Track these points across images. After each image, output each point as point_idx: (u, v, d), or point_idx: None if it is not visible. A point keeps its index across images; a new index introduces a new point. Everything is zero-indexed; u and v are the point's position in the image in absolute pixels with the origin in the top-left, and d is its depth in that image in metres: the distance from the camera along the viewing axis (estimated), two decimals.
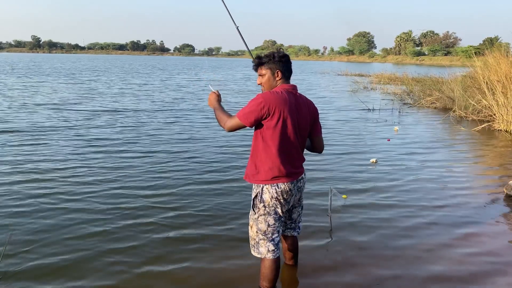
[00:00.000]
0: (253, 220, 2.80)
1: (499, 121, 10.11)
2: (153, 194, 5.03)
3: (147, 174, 5.82)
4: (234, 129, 2.70)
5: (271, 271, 2.82)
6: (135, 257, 3.49)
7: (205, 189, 5.27)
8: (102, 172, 5.84)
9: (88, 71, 35.34)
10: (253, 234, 2.82)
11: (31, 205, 4.58)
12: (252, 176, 2.75)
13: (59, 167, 6.09)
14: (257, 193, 2.74)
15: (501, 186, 5.55)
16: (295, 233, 3.10)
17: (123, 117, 10.99)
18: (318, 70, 49.11)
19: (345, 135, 9.22)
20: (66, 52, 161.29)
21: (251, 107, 2.60)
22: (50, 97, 14.79)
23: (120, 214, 4.41)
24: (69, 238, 3.80)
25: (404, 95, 17.46)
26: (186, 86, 22.18)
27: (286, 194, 2.73)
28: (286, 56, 2.80)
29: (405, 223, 4.37)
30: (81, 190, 5.10)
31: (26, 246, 3.62)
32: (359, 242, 3.90)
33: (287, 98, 2.66)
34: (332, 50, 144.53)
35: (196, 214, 4.45)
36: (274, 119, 2.60)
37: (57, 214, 4.34)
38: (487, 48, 11.42)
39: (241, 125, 2.65)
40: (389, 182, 5.77)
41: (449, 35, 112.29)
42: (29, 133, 8.46)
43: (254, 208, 2.77)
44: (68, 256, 3.47)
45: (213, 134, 8.94)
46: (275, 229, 2.78)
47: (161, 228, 4.08)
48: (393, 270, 3.39)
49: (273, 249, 2.79)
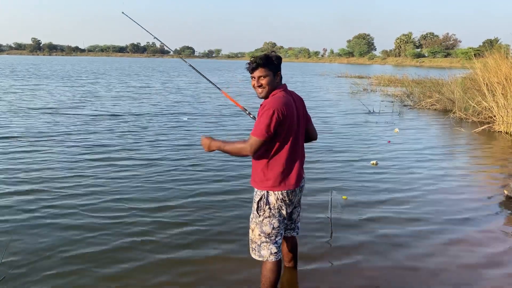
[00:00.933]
0: (255, 223, 2.78)
1: (499, 123, 10.12)
2: (155, 208, 4.63)
3: (149, 185, 5.45)
4: (258, 149, 2.62)
5: (273, 273, 2.80)
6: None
7: (212, 202, 4.87)
8: (100, 182, 5.47)
9: (87, 73, 35.32)
10: (255, 237, 2.80)
11: (22, 221, 4.20)
12: (261, 182, 2.72)
13: (53, 176, 5.70)
14: (261, 195, 2.73)
15: (501, 188, 5.55)
16: (294, 233, 3.10)
17: (122, 121, 10.61)
18: (318, 72, 49.13)
19: (345, 137, 9.22)
20: (66, 54, 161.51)
21: (266, 121, 2.55)
22: (46, 101, 14.40)
23: (119, 230, 4.03)
24: (62, 261, 3.45)
25: (404, 97, 17.47)
26: (186, 88, 22.19)
27: (291, 195, 2.75)
28: (280, 58, 2.82)
29: (405, 223, 4.37)
30: (76, 202, 4.73)
31: (18, 268, 3.32)
32: (359, 243, 3.90)
33: (289, 100, 2.68)
34: (332, 52, 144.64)
35: (204, 230, 4.10)
36: (285, 125, 2.61)
37: (51, 231, 4.00)
38: (487, 50, 11.44)
39: (263, 142, 2.59)
40: (389, 183, 5.77)
41: (449, 36, 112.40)
42: (22, 139, 8.04)
43: (258, 211, 2.75)
44: (60, 280, 3.18)
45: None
46: (279, 231, 2.79)
47: (165, 248, 3.72)
48: (394, 272, 3.39)
49: (276, 252, 2.79)
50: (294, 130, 2.69)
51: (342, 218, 4.47)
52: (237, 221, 4.32)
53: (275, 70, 2.72)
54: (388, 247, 3.83)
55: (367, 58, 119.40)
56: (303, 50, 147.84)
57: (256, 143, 2.59)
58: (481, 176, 6.37)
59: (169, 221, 4.32)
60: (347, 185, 5.65)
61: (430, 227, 4.31)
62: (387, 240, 3.97)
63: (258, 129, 2.56)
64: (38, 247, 3.69)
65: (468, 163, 7.19)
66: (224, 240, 3.90)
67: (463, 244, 3.93)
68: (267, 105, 2.60)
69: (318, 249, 3.75)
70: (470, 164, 7.13)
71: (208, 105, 14.61)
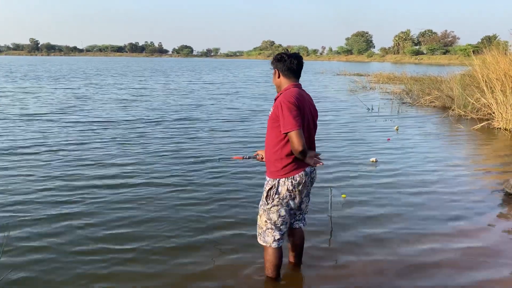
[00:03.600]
0: (264, 210, 2.92)
1: (498, 119, 10.11)
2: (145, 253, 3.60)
3: (142, 217, 4.31)
4: (302, 138, 2.66)
5: (275, 257, 2.98)
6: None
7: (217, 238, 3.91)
8: (86, 212, 4.41)
9: (84, 73, 35.25)
10: (262, 223, 2.95)
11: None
12: (277, 172, 2.82)
13: (25, 200, 4.75)
14: (272, 185, 2.84)
15: (500, 184, 5.55)
16: (301, 224, 3.18)
17: (103, 129, 9.22)
18: (317, 70, 49.13)
19: (344, 135, 9.21)
20: (65, 54, 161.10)
21: (292, 112, 2.66)
22: (31, 105, 13.00)
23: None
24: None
25: (403, 94, 17.47)
26: (182, 89, 22.16)
27: (301, 185, 2.85)
28: (280, 56, 2.94)
29: (404, 221, 4.37)
30: (54, 241, 3.78)
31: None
32: (359, 241, 3.90)
33: (303, 95, 2.87)
34: (330, 50, 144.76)
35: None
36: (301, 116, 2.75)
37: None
38: (486, 47, 11.42)
39: (302, 132, 2.67)
40: (388, 181, 5.77)
41: (447, 33, 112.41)
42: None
43: (267, 199, 2.87)
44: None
45: (203, 147, 7.73)
46: (285, 220, 2.92)
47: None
48: (394, 269, 3.39)
49: (279, 239, 2.93)
50: (309, 124, 2.84)
51: (342, 216, 4.46)
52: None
53: (275, 68, 2.95)
54: (389, 244, 3.82)
55: (365, 55, 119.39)
56: (302, 48, 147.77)
57: (298, 136, 2.64)
58: (480, 173, 6.37)
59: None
60: (347, 183, 5.65)
61: (430, 223, 4.31)
62: (387, 237, 3.97)
63: (289, 123, 2.67)
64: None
65: (467, 160, 7.19)
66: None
67: (463, 241, 3.93)
68: (283, 99, 2.73)
69: (319, 248, 3.75)
70: (469, 161, 7.13)
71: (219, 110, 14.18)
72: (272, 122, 2.80)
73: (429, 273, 3.34)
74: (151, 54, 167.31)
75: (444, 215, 4.55)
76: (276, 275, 3.05)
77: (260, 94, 18.60)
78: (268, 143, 2.90)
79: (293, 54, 2.91)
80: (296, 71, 2.91)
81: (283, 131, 2.68)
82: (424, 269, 3.39)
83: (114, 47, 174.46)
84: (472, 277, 3.31)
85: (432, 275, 3.31)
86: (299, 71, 2.93)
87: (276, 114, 2.74)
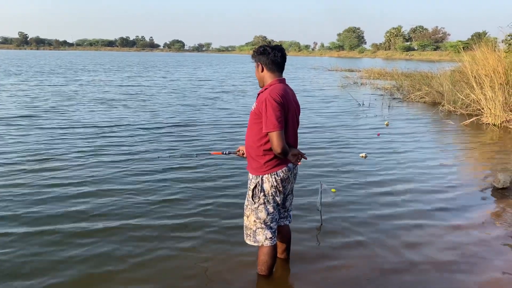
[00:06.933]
0: (251, 210, 2.88)
1: (487, 115, 10.21)
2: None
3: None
4: (283, 139, 2.62)
5: (270, 257, 2.95)
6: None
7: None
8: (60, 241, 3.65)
9: (68, 69, 34.80)
10: (250, 223, 2.91)
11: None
12: (259, 168, 2.79)
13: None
14: (256, 183, 2.81)
15: (489, 179, 5.60)
16: (287, 221, 3.16)
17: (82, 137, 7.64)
18: (309, 65, 49.12)
19: (334, 130, 9.21)
20: (54, 48, 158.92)
21: (276, 112, 2.60)
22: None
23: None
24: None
25: (393, 90, 17.55)
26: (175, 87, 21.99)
27: (285, 181, 2.84)
28: (263, 48, 2.85)
29: (394, 215, 4.39)
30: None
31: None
32: (349, 235, 3.90)
33: (288, 92, 2.79)
34: (322, 45, 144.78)
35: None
36: (285, 113, 2.71)
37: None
38: (476, 43, 11.50)
39: (283, 134, 2.62)
40: (378, 176, 5.79)
41: (438, 30, 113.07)
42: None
43: (253, 198, 2.84)
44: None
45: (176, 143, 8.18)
46: (274, 217, 2.90)
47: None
48: (383, 262, 3.40)
49: (271, 237, 2.90)
50: (292, 120, 2.80)
51: (332, 210, 4.47)
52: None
53: (257, 61, 2.86)
54: (379, 239, 3.83)
55: (357, 51, 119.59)
56: (294, 43, 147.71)
57: (278, 137, 2.60)
58: (469, 168, 6.42)
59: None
60: (336, 178, 5.65)
61: (420, 218, 4.34)
62: (377, 233, 3.98)
63: (270, 124, 2.62)
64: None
65: (457, 155, 7.25)
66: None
67: (452, 236, 3.95)
68: (268, 96, 2.67)
69: (309, 242, 3.74)
70: (458, 156, 7.18)
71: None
72: (255, 117, 2.74)
73: (418, 269, 3.35)
74: (142, 49, 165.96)
75: (433, 210, 4.58)
76: (269, 273, 3.04)
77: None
78: (249, 138, 2.84)
79: (276, 47, 2.82)
80: (280, 64, 2.82)
81: (265, 130, 2.63)
82: (414, 265, 3.40)
83: (104, 41, 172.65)
84: (462, 272, 3.32)
85: (421, 271, 3.32)
86: (283, 64, 2.84)
87: (260, 110, 2.67)
